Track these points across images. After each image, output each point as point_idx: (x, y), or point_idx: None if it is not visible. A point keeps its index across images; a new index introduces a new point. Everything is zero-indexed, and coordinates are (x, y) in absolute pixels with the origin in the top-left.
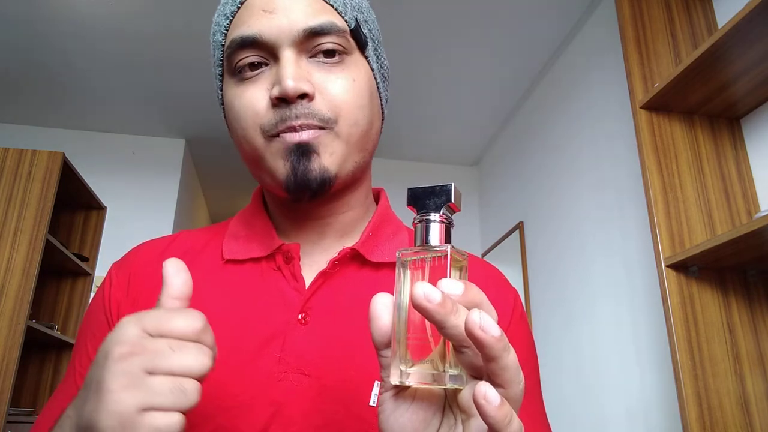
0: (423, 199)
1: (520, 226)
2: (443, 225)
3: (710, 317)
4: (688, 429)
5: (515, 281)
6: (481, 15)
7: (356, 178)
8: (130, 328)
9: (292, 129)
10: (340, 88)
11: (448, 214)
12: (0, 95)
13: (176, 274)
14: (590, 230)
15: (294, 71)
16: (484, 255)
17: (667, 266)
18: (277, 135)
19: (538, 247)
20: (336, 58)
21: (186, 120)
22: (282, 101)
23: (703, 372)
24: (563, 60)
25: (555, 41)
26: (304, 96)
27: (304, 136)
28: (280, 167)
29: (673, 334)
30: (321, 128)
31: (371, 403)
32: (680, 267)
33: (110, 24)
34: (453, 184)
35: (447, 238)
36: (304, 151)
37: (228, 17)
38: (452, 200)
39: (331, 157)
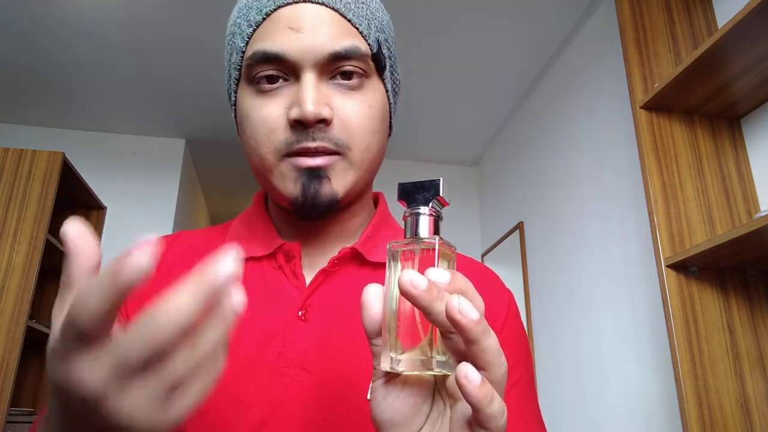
0: (413, 194)
1: (520, 226)
2: (432, 218)
3: (710, 317)
4: (688, 429)
5: (515, 281)
6: (481, 15)
7: (361, 192)
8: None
9: (307, 151)
10: (357, 115)
11: (437, 208)
12: (0, 95)
13: (82, 238)
14: (590, 230)
15: (315, 96)
16: (484, 255)
17: (667, 266)
18: (290, 155)
19: (538, 247)
20: (355, 81)
21: (186, 120)
22: (300, 124)
23: (703, 372)
24: (563, 60)
25: (555, 41)
26: (322, 121)
27: (319, 161)
28: (290, 187)
29: (673, 334)
30: (335, 153)
31: (369, 397)
32: (680, 267)
33: (111, 25)
34: (441, 179)
35: (436, 231)
36: (316, 175)
37: (252, 26)
38: (441, 194)
39: (341, 182)
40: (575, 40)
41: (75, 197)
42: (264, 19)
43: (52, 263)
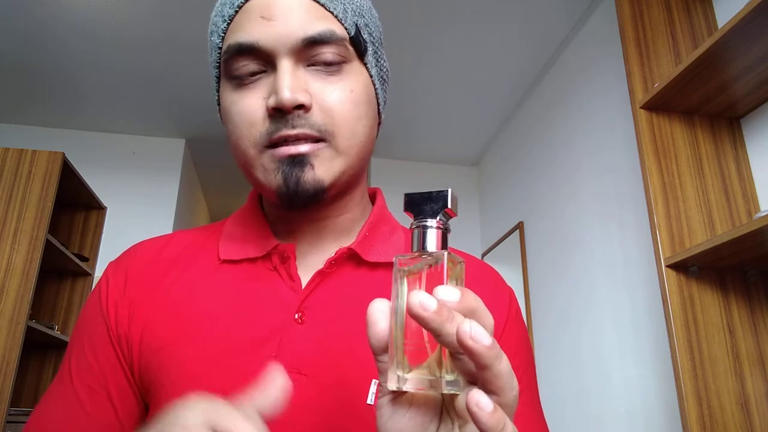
0: (420, 205)
1: (520, 226)
2: (440, 231)
3: (710, 317)
4: (688, 429)
5: (515, 281)
6: (481, 15)
7: (352, 183)
8: (194, 416)
9: (287, 139)
10: (337, 100)
11: (445, 220)
12: (0, 95)
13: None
14: (590, 230)
15: (291, 82)
16: (484, 255)
17: (667, 266)
18: (271, 146)
19: (538, 247)
20: (334, 67)
21: (186, 120)
22: (278, 111)
23: (703, 372)
24: (563, 60)
25: (555, 41)
26: (300, 107)
27: (301, 148)
28: (272, 177)
29: (673, 334)
30: (318, 140)
31: (368, 402)
32: (680, 267)
33: (111, 24)
34: (450, 190)
35: (444, 245)
36: (298, 162)
37: (226, 20)
38: (449, 206)
39: (326, 170)
40: (575, 40)
41: (75, 197)
42: (236, 12)
43: (52, 263)
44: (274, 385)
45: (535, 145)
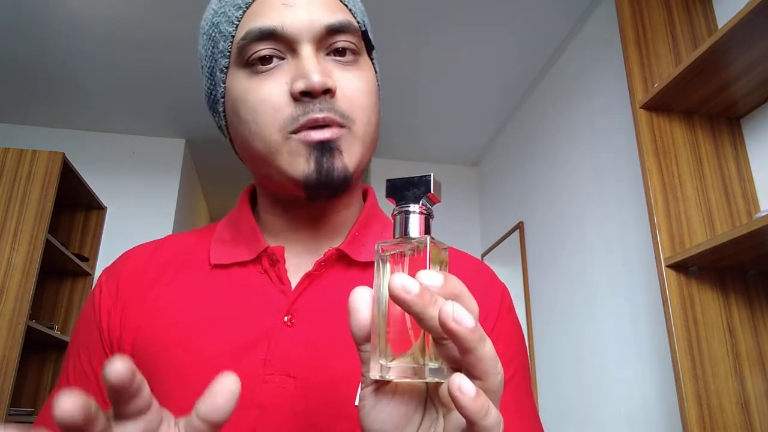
0: (402, 191)
1: (520, 226)
2: (423, 216)
3: (710, 317)
4: (688, 429)
5: (515, 281)
6: (482, 15)
7: (361, 174)
8: None
9: (315, 123)
10: (356, 88)
11: (428, 206)
12: (0, 95)
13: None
14: (590, 230)
15: (318, 66)
16: (484, 255)
17: (667, 266)
18: (297, 131)
19: (538, 247)
20: (350, 57)
21: (186, 120)
22: (305, 95)
23: (703, 372)
24: (563, 60)
25: (555, 41)
26: (327, 91)
27: (328, 134)
28: (302, 164)
29: (673, 334)
30: (341, 126)
31: (357, 403)
32: (680, 267)
33: (110, 24)
34: (432, 175)
35: (427, 230)
36: (329, 148)
37: (241, 8)
38: (431, 191)
39: (351, 157)
40: (575, 40)
41: (75, 197)
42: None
43: (52, 263)
44: (223, 391)
45: (536, 145)
